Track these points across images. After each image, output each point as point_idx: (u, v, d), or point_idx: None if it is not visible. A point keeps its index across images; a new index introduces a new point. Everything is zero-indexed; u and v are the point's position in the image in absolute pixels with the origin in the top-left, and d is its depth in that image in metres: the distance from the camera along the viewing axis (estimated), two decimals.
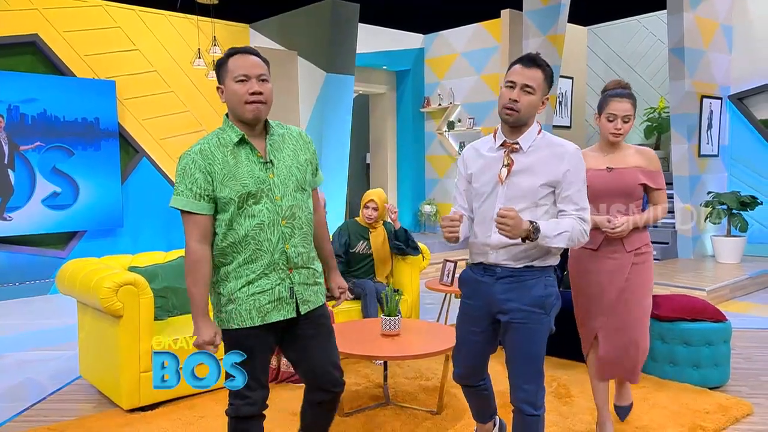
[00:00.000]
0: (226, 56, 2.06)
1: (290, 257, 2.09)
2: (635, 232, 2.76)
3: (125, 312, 3.28)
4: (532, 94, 2.11)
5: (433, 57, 9.70)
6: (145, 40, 7.89)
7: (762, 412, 3.26)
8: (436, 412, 3.24)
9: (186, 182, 1.99)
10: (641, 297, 2.80)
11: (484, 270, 2.23)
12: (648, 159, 2.77)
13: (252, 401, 2.10)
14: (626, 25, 9.36)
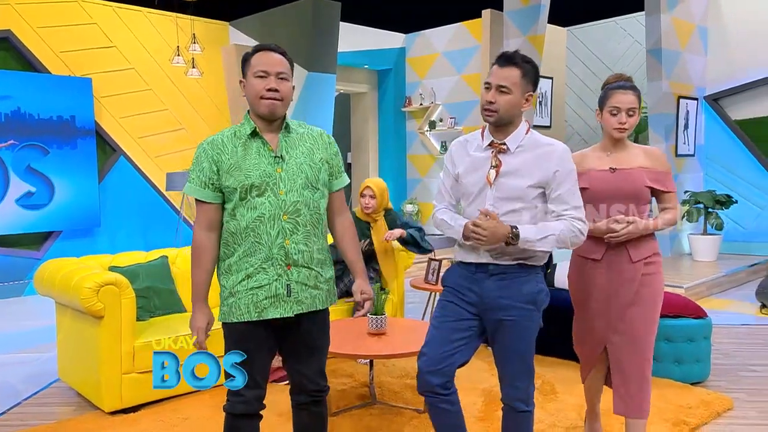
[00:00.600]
0: (254, 51, 2.11)
1: (289, 253, 2.08)
2: (642, 240, 2.52)
3: (106, 313, 3.22)
4: (508, 94, 2.08)
5: (414, 56, 9.71)
6: (122, 37, 7.77)
7: (742, 406, 3.31)
8: (422, 410, 3.23)
9: (195, 171, 2.09)
10: (651, 313, 2.53)
11: (475, 268, 2.19)
12: (655, 159, 2.54)
13: (245, 399, 2.10)
14: (604, 27, 9.48)
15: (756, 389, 3.57)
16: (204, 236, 2.10)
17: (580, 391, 3.43)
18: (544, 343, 4.01)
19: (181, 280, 4.02)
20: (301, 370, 2.22)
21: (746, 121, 7.86)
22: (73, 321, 3.49)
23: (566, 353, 3.99)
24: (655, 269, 2.54)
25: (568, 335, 3.94)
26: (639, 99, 2.49)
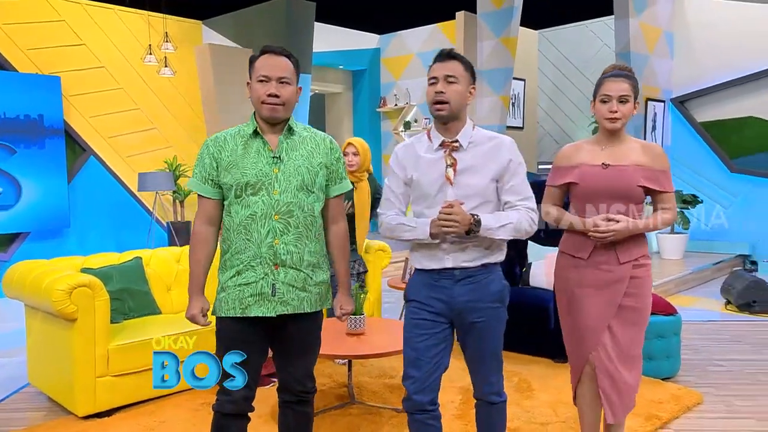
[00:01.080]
0: (260, 54, 2.13)
1: (278, 253, 2.08)
2: (632, 240, 2.36)
3: (79, 315, 3.14)
4: (456, 83, 2.07)
5: (389, 57, 9.72)
6: (91, 35, 7.61)
7: (710, 400, 3.39)
8: (401, 410, 3.21)
9: (198, 166, 2.15)
10: (640, 320, 2.41)
11: (438, 275, 2.13)
12: (653, 157, 2.35)
13: (233, 399, 2.10)
14: (575, 30, 9.62)
15: (723, 383, 3.66)
16: (203, 229, 2.15)
17: (554, 387, 3.49)
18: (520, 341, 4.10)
19: (156, 281, 3.96)
20: (289, 371, 2.24)
21: (710, 123, 8.06)
22: (44, 324, 3.40)
23: (541, 350, 4.06)
24: (644, 272, 2.40)
25: (542, 333, 4.01)
26: (634, 88, 2.33)
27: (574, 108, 9.71)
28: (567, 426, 3.01)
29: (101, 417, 3.21)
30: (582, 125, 9.51)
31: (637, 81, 2.38)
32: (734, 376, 3.81)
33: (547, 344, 3.98)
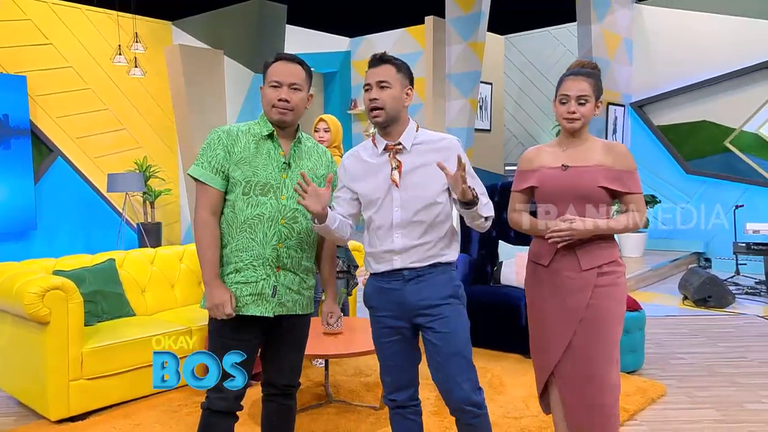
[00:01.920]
0: (274, 60, 2.13)
1: (281, 256, 2.10)
2: (595, 245, 2.15)
3: (52, 318, 3.05)
4: (388, 88, 2.03)
5: (359, 60, 9.72)
6: (58, 34, 7.41)
7: (674, 392, 3.48)
8: (378, 407, 3.23)
9: (207, 155, 2.09)
10: (606, 334, 2.15)
11: (389, 277, 2.09)
12: (615, 156, 2.17)
13: (225, 395, 2.07)
14: (539, 36, 9.77)
15: (685, 375, 3.77)
16: (209, 217, 2.09)
17: (526, 383, 3.53)
18: (491, 338, 4.14)
19: (130, 283, 3.87)
20: (277, 365, 2.25)
21: (667, 127, 8.28)
22: (14, 327, 3.28)
23: (512, 347, 4.11)
24: (611, 281, 2.16)
25: (513, 330, 4.06)
26: (595, 87, 2.17)
27: (538, 111, 9.86)
28: (539, 420, 3.05)
29: (75, 421, 3.11)
30: (546, 128, 9.67)
31: (600, 78, 2.22)
32: (694, 368, 3.92)
33: (518, 341, 4.00)
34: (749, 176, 7.69)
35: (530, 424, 3.02)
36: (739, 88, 7.72)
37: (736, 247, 6.44)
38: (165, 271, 4.09)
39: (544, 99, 9.74)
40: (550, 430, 2.92)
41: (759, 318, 5.27)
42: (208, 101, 7.75)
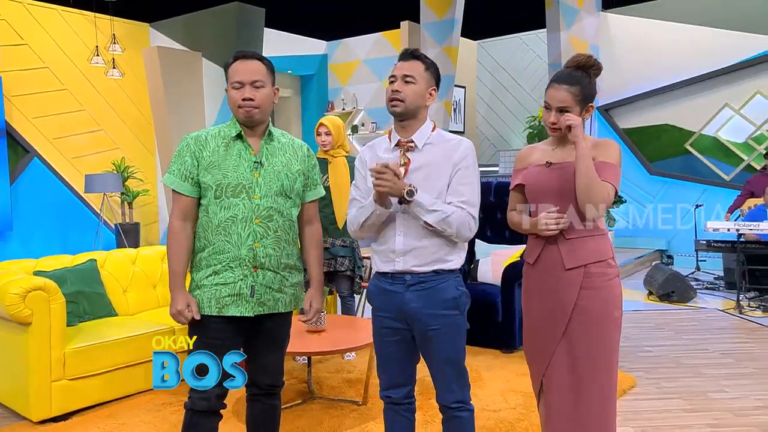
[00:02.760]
0: (234, 60, 2.09)
1: (257, 256, 2.06)
2: (578, 242, 2.03)
3: (34, 319, 2.98)
4: (413, 83, 2.00)
5: (336, 63, 9.68)
6: (34, 35, 7.21)
7: (643, 383, 3.56)
8: (361, 403, 3.23)
9: (177, 163, 2.07)
10: (595, 339, 2.01)
11: (392, 279, 2.03)
12: (600, 149, 2.05)
13: (206, 396, 2.03)
14: (510, 41, 9.87)
15: (652, 367, 3.85)
16: (179, 225, 2.07)
17: (503, 377, 3.57)
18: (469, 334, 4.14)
19: (111, 283, 3.80)
20: (261, 365, 2.21)
21: (632, 130, 8.45)
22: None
23: (489, 342, 4.15)
24: (601, 283, 2.01)
25: (490, 325, 4.10)
26: (580, 94, 2.04)
27: (509, 114, 9.96)
28: (517, 412, 3.08)
29: (57, 421, 3.04)
30: (517, 130, 9.77)
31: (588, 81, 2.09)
32: (661, 360, 4.01)
33: (495, 336, 4.07)
34: (708, 177, 7.90)
35: (509, 416, 3.05)
36: (699, 93, 7.93)
37: (698, 245, 6.60)
38: (147, 272, 4.03)
39: (514, 102, 9.85)
40: (527, 421, 2.97)
41: (719, 311, 5.42)
42: (186, 103, 7.63)
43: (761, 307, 5.43)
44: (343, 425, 2.98)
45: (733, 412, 3.12)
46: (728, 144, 7.74)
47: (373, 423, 2.99)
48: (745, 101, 7.59)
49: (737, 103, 7.64)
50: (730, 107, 7.69)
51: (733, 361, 3.96)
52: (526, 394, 3.30)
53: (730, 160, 7.74)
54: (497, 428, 2.91)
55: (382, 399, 2.18)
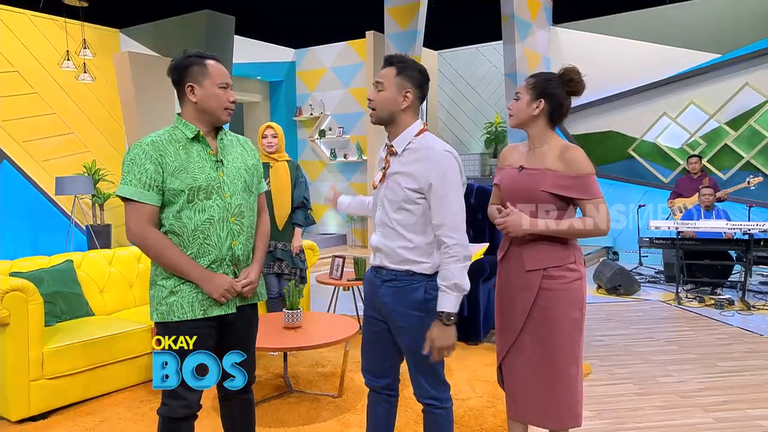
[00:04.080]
0: (201, 58, 1.94)
1: (236, 254, 1.99)
2: (542, 245, 2.03)
3: (12, 320, 2.86)
4: (382, 90, 1.93)
5: (304, 70, 9.61)
6: (4, 39, 6.92)
7: (597, 370, 3.66)
8: (337, 395, 3.22)
9: (135, 172, 1.86)
10: (551, 336, 2.02)
11: (375, 272, 2.05)
12: (568, 162, 2.00)
13: (188, 403, 1.92)
14: (468, 52, 9.99)
15: (605, 355, 3.96)
16: (153, 230, 1.89)
17: (469, 367, 3.62)
18: None
19: (88, 283, 3.68)
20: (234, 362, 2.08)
21: (581, 135, 8.67)
22: None
23: None
24: (559, 285, 2.01)
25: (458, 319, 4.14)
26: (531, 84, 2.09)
27: (468, 120, 10.09)
28: (484, 400, 3.13)
29: (36, 420, 2.93)
30: (475, 135, 9.90)
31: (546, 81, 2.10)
32: (612, 348, 4.13)
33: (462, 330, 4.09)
34: (649, 179, 8.17)
35: (477, 404, 3.09)
36: (640, 102, 8.20)
37: (641, 242, 6.82)
38: (123, 272, 3.91)
39: (473, 109, 9.98)
40: (494, 408, 3.02)
41: (661, 303, 5.62)
42: (157, 107, 7.45)
43: (697, 298, 5.65)
44: (320, 416, 2.96)
45: (679, 394, 3.25)
46: (666, 149, 8.03)
47: (349, 414, 2.98)
48: (681, 110, 7.88)
49: (674, 112, 7.93)
50: (668, 116, 7.98)
51: (677, 348, 4.12)
52: (492, 383, 3.35)
53: (668, 164, 8.03)
54: (466, 416, 2.94)
55: (365, 382, 2.14)
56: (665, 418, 2.94)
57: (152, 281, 1.99)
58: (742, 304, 5.37)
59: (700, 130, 7.74)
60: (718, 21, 7.56)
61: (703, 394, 3.25)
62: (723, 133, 7.58)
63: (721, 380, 3.45)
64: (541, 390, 2.07)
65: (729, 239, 5.84)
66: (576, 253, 2.08)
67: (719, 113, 7.59)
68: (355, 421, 2.89)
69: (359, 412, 2.97)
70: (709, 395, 3.22)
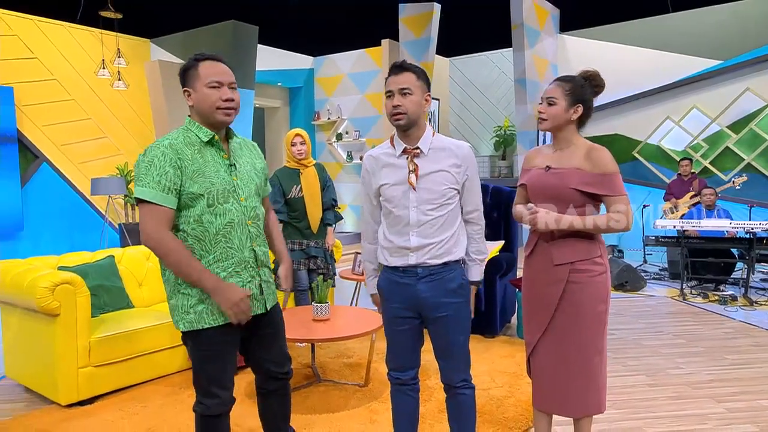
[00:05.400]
0: (194, 61, 1.85)
1: (257, 255, 1.94)
2: (569, 241, 2.03)
3: (62, 311, 2.91)
4: (410, 94, 1.94)
5: (322, 76, 9.64)
6: (44, 49, 7.01)
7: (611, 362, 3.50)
8: (363, 384, 3.23)
9: (153, 174, 1.75)
10: (579, 328, 2.02)
11: (403, 272, 2.02)
12: (595, 161, 2.00)
13: (223, 401, 1.90)
14: (478, 59, 9.97)
15: (618, 348, 3.93)
16: (171, 234, 1.79)
17: (488, 359, 3.62)
18: None
19: (128, 278, 3.73)
20: (268, 357, 2.06)
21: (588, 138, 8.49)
22: (23, 320, 3.10)
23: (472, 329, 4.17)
24: (585, 278, 2.01)
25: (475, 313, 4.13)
26: (569, 91, 2.05)
27: (477, 124, 10.07)
28: (504, 390, 3.12)
29: (84, 405, 2.98)
30: (485, 139, 9.88)
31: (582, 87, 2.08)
32: (624, 342, 4.11)
33: (478, 323, 4.11)
34: (653, 181, 8.11)
35: (498, 394, 3.09)
36: (644, 107, 8.14)
37: (647, 240, 6.78)
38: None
39: (482, 113, 9.96)
40: (515, 398, 3.02)
41: (667, 298, 5.58)
42: (184, 112, 7.50)
43: (701, 294, 5.61)
44: (349, 404, 2.98)
45: (690, 385, 3.23)
46: (669, 152, 7.97)
47: (376, 402, 3.00)
48: (684, 114, 7.82)
49: (677, 116, 7.87)
50: (671, 119, 7.91)
51: (685, 342, 4.09)
52: (510, 374, 3.36)
53: (671, 165, 7.96)
54: (488, 404, 2.94)
55: (390, 380, 2.17)
56: (678, 408, 2.92)
57: (174, 290, 1.86)
58: (745, 300, 5.32)
59: (703, 133, 7.67)
60: (719, 29, 7.50)
61: (713, 385, 3.23)
62: (724, 136, 7.51)
63: (729, 372, 3.43)
64: (566, 380, 2.08)
65: (732, 238, 5.79)
66: (601, 247, 2.08)
67: (721, 117, 7.52)
68: (381, 408, 2.90)
69: (385, 400, 2.99)
70: (719, 386, 3.20)
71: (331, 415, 2.84)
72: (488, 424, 2.71)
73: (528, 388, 3.06)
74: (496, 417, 2.80)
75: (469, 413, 2.11)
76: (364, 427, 2.71)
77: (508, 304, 4.41)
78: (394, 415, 2.20)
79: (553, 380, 2.11)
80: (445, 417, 2.66)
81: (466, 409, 2.10)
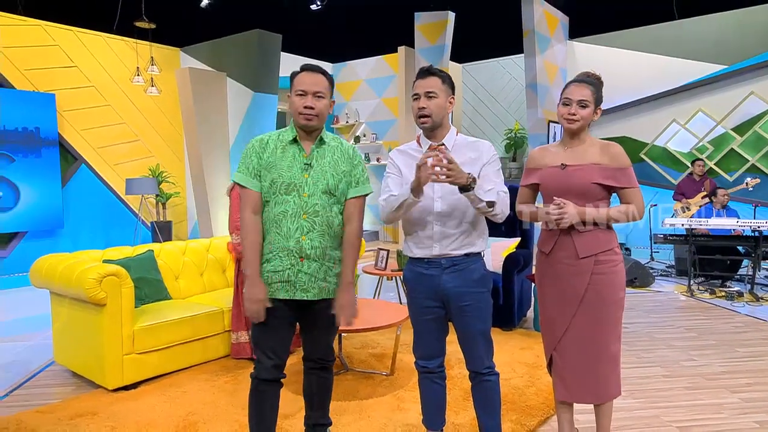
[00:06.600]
0: (298, 71, 2.03)
1: (304, 247, 2.00)
2: (591, 236, 2.03)
3: (108, 301, 2.95)
4: (435, 98, 1.98)
5: (341, 82, 9.67)
6: (83, 58, 7.12)
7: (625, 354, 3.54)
8: (389, 373, 3.24)
9: (245, 162, 2.04)
10: (604, 317, 2.04)
11: (428, 263, 2.04)
12: (612, 156, 2.03)
13: (265, 366, 2.04)
14: (490, 65, 9.94)
15: (631, 341, 3.88)
16: (251, 217, 2.02)
17: (507, 350, 3.60)
18: None
19: (166, 271, 3.77)
20: (314, 344, 2.19)
21: None
22: (72, 309, 3.15)
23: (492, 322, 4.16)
24: (607, 269, 2.03)
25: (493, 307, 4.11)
26: (596, 94, 2.06)
27: (489, 127, 10.03)
28: (525, 380, 3.11)
29: (128, 389, 3.02)
30: (496, 141, 9.83)
31: (600, 89, 2.11)
32: (637, 335, 4.07)
33: (496, 316, 4.09)
34: (659, 181, 8.02)
35: (519, 383, 3.08)
36: (651, 110, 8.06)
37: (656, 238, 6.71)
38: (195, 261, 4.00)
39: (494, 117, 9.92)
40: (535, 387, 3.00)
41: (676, 294, 5.51)
42: (213, 117, 7.57)
43: (708, 290, 5.53)
44: (377, 392, 2.99)
45: (704, 376, 3.19)
46: (676, 153, 7.88)
47: (402, 390, 3.00)
48: (690, 117, 7.72)
49: (683, 119, 7.78)
50: (677, 122, 7.82)
51: (696, 335, 4.04)
52: (529, 364, 3.34)
53: (677, 166, 7.87)
54: (510, 393, 2.93)
55: (417, 369, 2.18)
56: (693, 398, 2.89)
57: None
58: (751, 296, 5.24)
59: (708, 135, 7.57)
60: (724, 34, 7.39)
61: (726, 376, 3.19)
62: (729, 138, 7.41)
63: (742, 364, 3.38)
64: (589, 368, 2.08)
65: (739, 236, 5.70)
66: (616, 237, 2.11)
67: (726, 120, 7.41)
68: (408, 396, 2.90)
69: (411, 389, 2.99)
70: (732, 378, 3.16)
71: (361, 402, 2.85)
72: (511, 413, 2.70)
73: (548, 378, 3.04)
74: (518, 405, 2.79)
75: (495, 398, 2.12)
76: (392, 413, 2.71)
77: (525, 298, 4.39)
78: (423, 402, 2.21)
79: (580, 370, 2.09)
80: (470, 404, 2.67)
81: (493, 395, 2.11)
